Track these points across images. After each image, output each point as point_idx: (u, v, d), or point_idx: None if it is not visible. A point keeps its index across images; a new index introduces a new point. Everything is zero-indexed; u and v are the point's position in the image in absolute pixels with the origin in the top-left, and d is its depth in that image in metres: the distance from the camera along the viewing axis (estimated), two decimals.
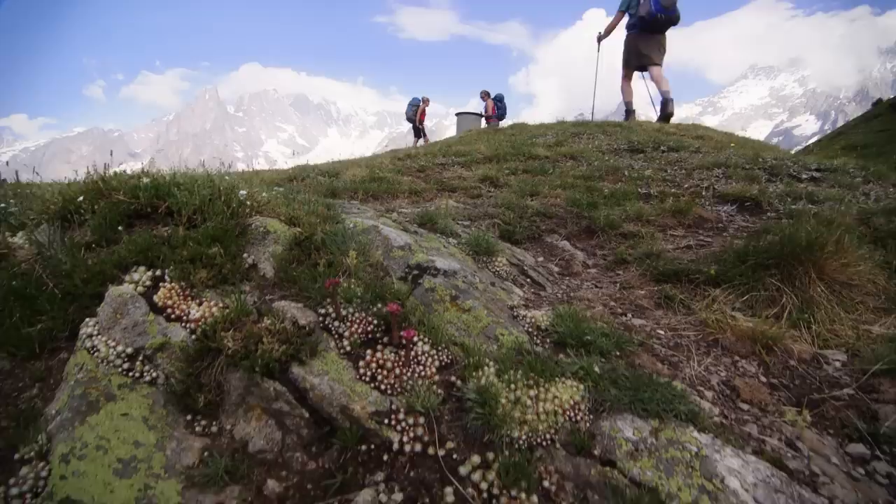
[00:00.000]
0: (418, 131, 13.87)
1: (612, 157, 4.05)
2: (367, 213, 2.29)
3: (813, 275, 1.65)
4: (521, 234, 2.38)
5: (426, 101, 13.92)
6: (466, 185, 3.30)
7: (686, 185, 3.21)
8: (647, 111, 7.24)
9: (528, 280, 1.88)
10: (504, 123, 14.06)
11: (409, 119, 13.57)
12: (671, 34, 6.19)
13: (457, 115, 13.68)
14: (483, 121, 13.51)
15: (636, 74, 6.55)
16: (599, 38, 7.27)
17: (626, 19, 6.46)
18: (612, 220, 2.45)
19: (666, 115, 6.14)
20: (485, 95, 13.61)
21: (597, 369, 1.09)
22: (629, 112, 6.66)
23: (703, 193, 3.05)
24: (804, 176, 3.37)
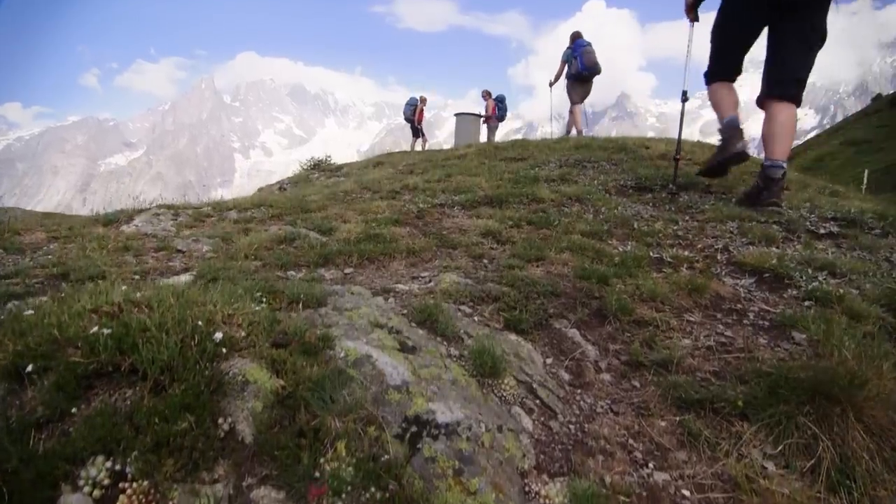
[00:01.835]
0: (417, 131, 13.60)
1: (620, 199, 3.86)
2: (361, 303, 2.12)
3: (851, 417, 1.50)
4: (527, 321, 2.22)
5: (424, 101, 13.64)
6: (468, 242, 3.11)
7: (699, 246, 3.05)
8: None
9: (538, 402, 1.73)
10: (504, 124, 13.76)
11: (408, 119, 13.28)
12: (672, 28, 8.27)
13: (455, 115, 13.37)
14: (482, 121, 13.22)
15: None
16: (551, 84, 10.29)
17: (566, 68, 9.63)
18: (625, 305, 2.29)
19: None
20: (486, 95, 13.32)
21: None
22: (569, 132, 9.78)
23: (718, 258, 2.89)
24: (822, 231, 3.22)
